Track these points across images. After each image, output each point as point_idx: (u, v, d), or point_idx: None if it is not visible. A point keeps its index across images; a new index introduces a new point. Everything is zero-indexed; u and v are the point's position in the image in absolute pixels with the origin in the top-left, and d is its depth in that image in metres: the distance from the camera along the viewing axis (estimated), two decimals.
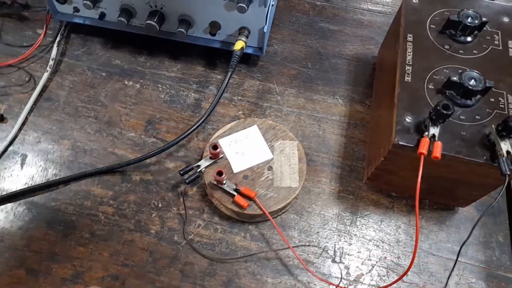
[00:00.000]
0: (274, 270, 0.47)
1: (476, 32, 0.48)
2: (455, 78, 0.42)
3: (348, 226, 0.51)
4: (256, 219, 0.50)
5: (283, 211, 0.51)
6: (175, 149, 0.54)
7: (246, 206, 0.47)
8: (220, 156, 0.51)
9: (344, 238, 0.50)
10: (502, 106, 0.44)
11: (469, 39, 0.48)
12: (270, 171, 0.50)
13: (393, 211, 0.52)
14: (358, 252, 0.49)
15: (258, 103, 0.59)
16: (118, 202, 0.50)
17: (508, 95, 0.44)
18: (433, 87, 0.45)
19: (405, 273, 0.40)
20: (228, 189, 0.48)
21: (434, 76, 0.45)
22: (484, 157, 0.40)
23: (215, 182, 0.48)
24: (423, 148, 0.39)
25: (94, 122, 0.56)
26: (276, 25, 0.67)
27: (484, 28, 0.49)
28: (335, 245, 0.49)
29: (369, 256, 0.49)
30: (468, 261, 0.49)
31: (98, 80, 0.59)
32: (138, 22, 0.59)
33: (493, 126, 0.41)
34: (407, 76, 0.45)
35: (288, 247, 0.48)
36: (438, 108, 0.39)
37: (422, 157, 0.38)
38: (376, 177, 0.50)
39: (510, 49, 0.48)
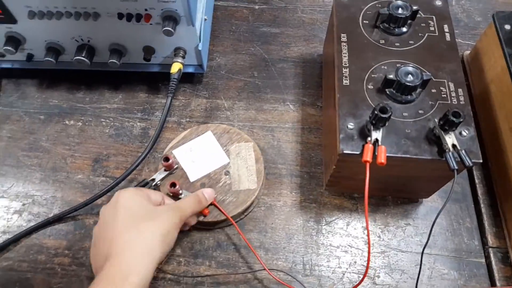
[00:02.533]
0: None
1: (410, 21, 0.47)
2: (391, 76, 0.41)
3: (314, 236, 0.49)
4: (219, 225, 0.49)
5: (244, 215, 0.50)
6: (127, 184, 0.52)
7: (207, 213, 0.47)
8: (175, 167, 0.49)
9: (311, 249, 0.49)
10: (444, 95, 0.43)
11: (404, 29, 0.47)
12: (227, 176, 0.49)
13: (358, 213, 0.51)
14: (327, 261, 0.48)
15: (208, 123, 0.57)
16: (74, 251, 0.48)
17: (449, 83, 0.44)
18: (372, 87, 0.43)
19: (362, 280, 0.39)
20: None
21: (372, 75, 0.44)
22: (432, 154, 0.39)
23: (171, 194, 0.47)
24: (367, 156, 0.37)
25: (38, 170, 0.53)
26: (216, 36, 0.65)
27: (418, 16, 0.48)
28: (303, 258, 0.48)
29: (339, 264, 0.48)
30: (438, 252, 0.48)
31: (37, 125, 0.57)
32: (69, 57, 0.56)
33: (436, 120, 0.40)
34: (345, 80, 0.44)
35: (257, 269, 0.47)
36: (376, 112, 0.37)
37: (367, 164, 0.37)
38: (334, 184, 0.49)
39: (446, 34, 0.47)
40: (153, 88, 0.60)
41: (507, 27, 0.53)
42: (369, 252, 0.37)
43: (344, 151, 0.40)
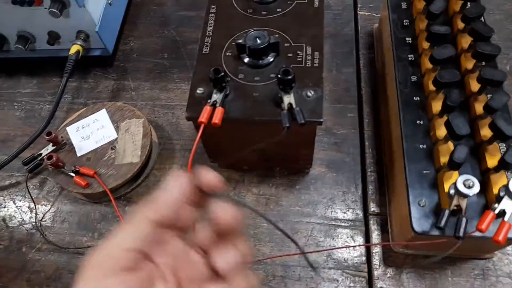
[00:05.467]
0: None
1: None
2: (240, 41, 0.42)
3: None
4: (105, 198, 0.50)
5: (131, 188, 0.51)
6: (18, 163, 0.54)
7: (85, 184, 0.48)
8: (63, 142, 0.52)
9: None
10: (300, 59, 0.43)
11: None
12: (113, 151, 0.51)
13: (244, 184, 0.51)
14: None
15: (112, 102, 0.59)
16: None
17: (308, 47, 0.43)
18: (230, 54, 0.44)
19: None
20: (67, 172, 0.49)
21: (233, 43, 0.44)
22: (272, 115, 0.39)
23: (52, 168, 0.49)
24: (203, 117, 0.38)
25: None
26: (134, 22, 0.67)
27: None
28: None
29: None
30: (317, 220, 0.48)
31: None
32: None
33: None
34: (205, 48, 0.44)
35: None
36: (210, 75, 0.38)
37: (202, 125, 0.38)
38: (214, 156, 0.50)
39: (315, 0, 0.47)
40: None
41: None
42: None
43: (188, 115, 0.40)
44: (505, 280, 0.42)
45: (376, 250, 0.45)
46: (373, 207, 0.48)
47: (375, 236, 0.46)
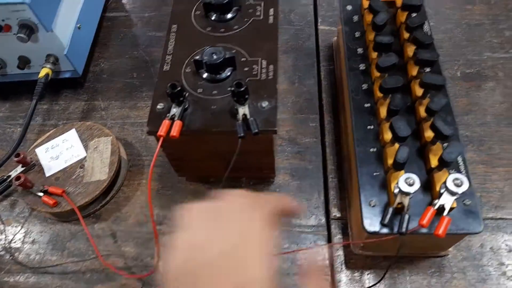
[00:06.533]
0: (89, 281, 0.48)
1: (236, 8, 0.50)
2: (197, 57, 0.44)
3: (160, 225, 0.51)
4: (74, 217, 0.51)
5: (100, 206, 0.52)
6: None
7: (53, 203, 0.49)
8: (31, 163, 0.52)
9: (162, 234, 0.50)
10: (255, 72, 0.45)
11: (229, 16, 0.49)
12: (82, 169, 0.52)
13: (210, 196, 0.52)
14: None
15: (82, 122, 0.60)
16: None
17: (263, 60, 0.46)
18: (190, 70, 0.46)
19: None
20: (35, 192, 0.50)
21: (192, 60, 0.47)
22: (228, 126, 0.41)
23: (21, 189, 0.50)
24: (162, 131, 0.40)
25: None
26: (104, 44, 0.69)
27: (248, 2, 0.51)
28: (147, 244, 0.50)
29: None
30: (282, 227, 0.49)
31: None
32: None
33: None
34: (166, 66, 0.47)
35: (106, 257, 0.49)
36: (167, 90, 0.40)
37: (161, 138, 0.39)
38: (180, 168, 0.51)
39: (270, 17, 0.49)
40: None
41: (349, 7, 0.55)
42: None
43: (150, 129, 0.42)
44: (459, 276, 0.43)
45: (338, 254, 0.47)
46: (334, 212, 0.49)
47: (337, 240, 0.48)
